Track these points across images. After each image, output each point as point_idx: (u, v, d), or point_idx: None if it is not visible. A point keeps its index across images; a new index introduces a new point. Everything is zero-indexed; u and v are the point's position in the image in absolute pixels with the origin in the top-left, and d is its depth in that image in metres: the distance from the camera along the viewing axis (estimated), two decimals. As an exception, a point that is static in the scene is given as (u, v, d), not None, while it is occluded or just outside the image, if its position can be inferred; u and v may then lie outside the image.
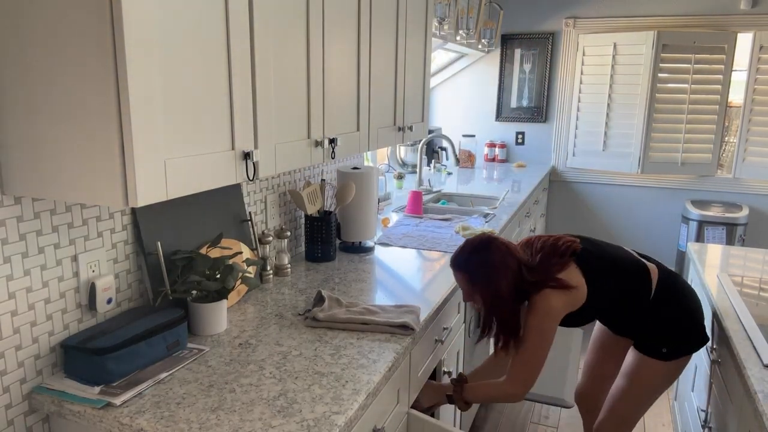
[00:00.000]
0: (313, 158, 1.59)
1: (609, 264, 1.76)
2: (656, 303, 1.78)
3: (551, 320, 1.66)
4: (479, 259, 1.69)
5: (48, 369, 1.29)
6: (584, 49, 4.66)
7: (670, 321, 1.78)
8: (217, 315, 1.52)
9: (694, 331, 1.79)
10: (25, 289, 1.22)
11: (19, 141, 1.08)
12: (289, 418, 1.15)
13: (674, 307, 1.78)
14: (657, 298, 1.78)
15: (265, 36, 1.32)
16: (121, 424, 1.14)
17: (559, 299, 1.66)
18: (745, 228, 4.30)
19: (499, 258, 1.67)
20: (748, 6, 4.23)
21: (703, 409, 1.97)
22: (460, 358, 2.24)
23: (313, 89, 1.56)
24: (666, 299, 1.78)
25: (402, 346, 1.48)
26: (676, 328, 1.78)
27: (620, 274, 1.76)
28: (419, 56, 2.36)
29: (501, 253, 1.68)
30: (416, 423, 1.63)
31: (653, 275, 1.79)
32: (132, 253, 1.49)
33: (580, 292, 1.69)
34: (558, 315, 1.67)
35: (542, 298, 1.66)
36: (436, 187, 3.77)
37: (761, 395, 1.34)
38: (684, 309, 1.79)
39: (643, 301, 1.77)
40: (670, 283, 1.81)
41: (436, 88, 5.17)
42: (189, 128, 1.13)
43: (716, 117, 4.44)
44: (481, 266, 1.68)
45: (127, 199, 1.02)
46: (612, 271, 1.76)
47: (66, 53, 0.99)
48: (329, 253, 2.17)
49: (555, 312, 1.66)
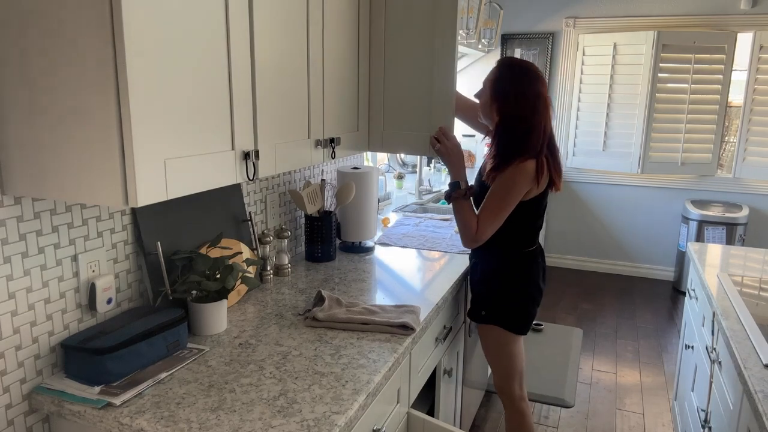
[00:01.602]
0: (313, 158, 1.59)
1: (543, 212, 1.98)
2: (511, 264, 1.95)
3: (523, 183, 1.80)
4: (525, 79, 1.82)
5: (48, 369, 1.29)
6: (584, 49, 4.66)
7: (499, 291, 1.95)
8: (217, 315, 1.52)
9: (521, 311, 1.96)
10: (25, 289, 1.22)
11: (20, 141, 1.08)
12: (289, 418, 1.15)
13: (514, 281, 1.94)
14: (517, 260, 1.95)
15: (265, 36, 1.32)
16: (121, 424, 1.14)
17: (530, 172, 1.79)
18: (745, 228, 4.30)
19: (538, 93, 1.81)
20: (748, 6, 4.23)
21: (703, 409, 1.97)
22: (460, 357, 2.24)
23: (313, 89, 1.56)
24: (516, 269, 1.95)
25: (402, 346, 1.48)
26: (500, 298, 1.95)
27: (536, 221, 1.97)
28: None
29: (544, 97, 1.82)
30: (416, 423, 1.63)
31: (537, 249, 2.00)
32: (132, 253, 1.49)
33: (539, 188, 1.84)
34: (528, 182, 1.80)
35: (525, 165, 1.79)
36: (436, 187, 3.77)
37: (761, 395, 1.34)
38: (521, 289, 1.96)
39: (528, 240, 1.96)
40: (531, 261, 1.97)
41: (436, 88, 5.17)
42: (189, 128, 1.13)
43: (716, 117, 4.44)
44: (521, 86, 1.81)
45: (127, 199, 1.02)
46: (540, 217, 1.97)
47: (66, 53, 0.99)
48: (329, 253, 2.18)
49: (527, 177, 1.79)
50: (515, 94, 1.79)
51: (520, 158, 1.79)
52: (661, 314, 4.17)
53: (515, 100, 1.79)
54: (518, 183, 1.80)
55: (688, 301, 2.56)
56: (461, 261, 2.21)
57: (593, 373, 3.26)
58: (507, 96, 1.81)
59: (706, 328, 2.09)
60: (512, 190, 1.80)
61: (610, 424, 2.77)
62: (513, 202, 1.81)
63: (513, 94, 1.80)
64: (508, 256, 1.94)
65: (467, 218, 1.86)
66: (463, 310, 2.21)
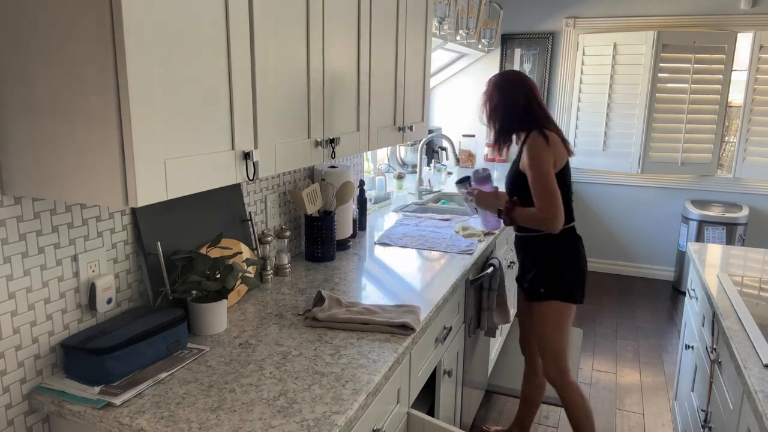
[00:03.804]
0: (313, 158, 1.59)
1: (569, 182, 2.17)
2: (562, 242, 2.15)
3: (543, 151, 2.02)
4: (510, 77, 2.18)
5: (48, 369, 1.29)
6: (584, 49, 4.66)
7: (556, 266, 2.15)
8: (217, 315, 1.52)
9: (577, 285, 2.16)
10: (25, 289, 1.22)
11: (19, 141, 1.08)
12: (289, 418, 1.15)
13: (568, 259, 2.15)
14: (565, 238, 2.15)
15: (265, 36, 1.32)
16: (121, 424, 1.14)
17: (541, 140, 2.04)
18: (745, 228, 4.30)
19: (520, 79, 2.17)
20: (748, 6, 4.23)
21: (703, 409, 1.97)
22: (460, 358, 2.24)
23: (313, 89, 1.56)
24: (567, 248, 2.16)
25: (402, 346, 1.48)
26: (558, 274, 2.14)
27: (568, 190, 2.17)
28: (419, 56, 2.36)
29: (521, 81, 2.16)
30: (416, 423, 1.63)
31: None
32: (132, 253, 1.49)
33: (558, 154, 2.06)
34: (547, 148, 2.02)
35: (530, 137, 2.07)
36: (436, 187, 3.77)
37: (761, 395, 1.34)
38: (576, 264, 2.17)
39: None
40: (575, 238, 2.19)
41: (436, 88, 5.17)
42: (189, 128, 1.13)
43: (716, 117, 4.44)
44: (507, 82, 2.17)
45: (127, 199, 1.02)
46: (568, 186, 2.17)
47: (66, 53, 0.99)
48: (329, 253, 2.17)
49: (544, 145, 2.03)
50: (498, 91, 2.15)
51: (527, 133, 2.09)
52: (661, 314, 4.17)
53: (501, 93, 2.14)
54: (540, 152, 2.02)
55: (688, 301, 2.56)
56: (461, 261, 2.21)
57: (593, 373, 3.26)
58: (494, 95, 2.16)
59: (706, 328, 2.09)
60: (541, 161, 2.01)
61: (610, 424, 2.77)
62: (549, 170, 2.00)
63: (496, 91, 2.15)
64: (553, 238, 2.13)
65: (533, 216, 2.04)
66: (463, 310, 2.21)
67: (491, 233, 2.58)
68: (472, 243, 2.43)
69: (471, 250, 2.33)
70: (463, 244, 2.41)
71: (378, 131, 2.03)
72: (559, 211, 1.99)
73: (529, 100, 2.13)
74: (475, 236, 2.52)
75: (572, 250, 2.16)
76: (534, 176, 2.02)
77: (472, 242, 2.44)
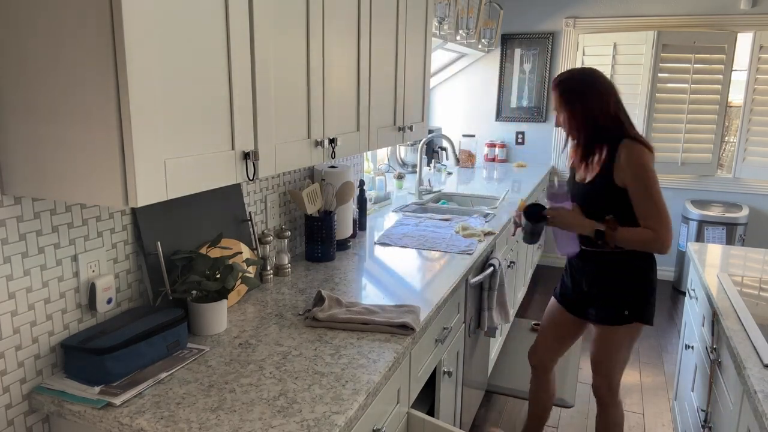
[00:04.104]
0: (313, 158, 1.59)
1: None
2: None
3: (646, 158, 1.85)
4: (589, 78, 1.96)
5: (48, 369, 1.29)
6: (584, 49, 4.66)
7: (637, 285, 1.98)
8: (217, 315, 1.52)
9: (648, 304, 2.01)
10: (25, 289, 1.22)
11: (19, 141, 1.08)
12: (289, 418, 1.15)
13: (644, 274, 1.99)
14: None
15: (265, 36, 1.32)
16: (121, 424, 1.14)
17: (650, 153, 1.87)
18: (745, 228, 4.30)
19: (605, 84, 1.96)
20: (748, 6, 4.23)
21: (703, 409, 1.97)
22: (460, 358, 2.24)
23: (313, 89, 1.56)
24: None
25: (402, 346, 1.48)
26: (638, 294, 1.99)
27: None
28: (419, 56, 2.36)
29: (607, 83, 1.96)
30: (416, 423, 1.63)
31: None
32: (132, 253, 1.49)
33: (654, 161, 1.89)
34: (653, 160, 1.85)
35: (626, 146, 1.88)
36: (436, 187, 3.77)
37: (761, 395, 1.34)
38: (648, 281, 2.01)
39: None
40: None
41: (436, 88, 5.17)
42: (189, 128, 1.13)
43: (716, 117, 4.44)
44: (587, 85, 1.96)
45: (127, 199, 1.02)
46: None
47: (66, 53, 0.99)
48: (329, 253, 2.17)
49: (650, 157, 1.86)
50: (584, 92, 1.94)
51: (621, 145, 1.88)
52: (661, 314, 4.16)
53: (586, 97, 1.93)
54: (650, 164, 1.86)
55: (688, 301, 2.56)
56: (461, 261, 2.21)
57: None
58: (578, 99, 1.95)
59: (706, 328, 2.09)
60: (652, 175, 1.85)
61: (610, 424, 2.77)
62: (659, 186, 1.85)
63: (583, 93, 1.94)
64: (635, 252, 1.97)
65: (642, 237, 1.87)
66: (463, 310, 2.21)
67: (491, 233, 2.58)
68: (472, 243, 2.43)
69: (471, 250, 2.33)
70: (463, 244, 2.41)
71: (378, 131, 2.03)
72: (671, 234, 1.83)
73: (618, 105, 1.96)
74: (474, 236, 2.52)
75: (650, 267, 2.01)
76: (645, 193, 1.84)
77: (472, 242, 2.44)
